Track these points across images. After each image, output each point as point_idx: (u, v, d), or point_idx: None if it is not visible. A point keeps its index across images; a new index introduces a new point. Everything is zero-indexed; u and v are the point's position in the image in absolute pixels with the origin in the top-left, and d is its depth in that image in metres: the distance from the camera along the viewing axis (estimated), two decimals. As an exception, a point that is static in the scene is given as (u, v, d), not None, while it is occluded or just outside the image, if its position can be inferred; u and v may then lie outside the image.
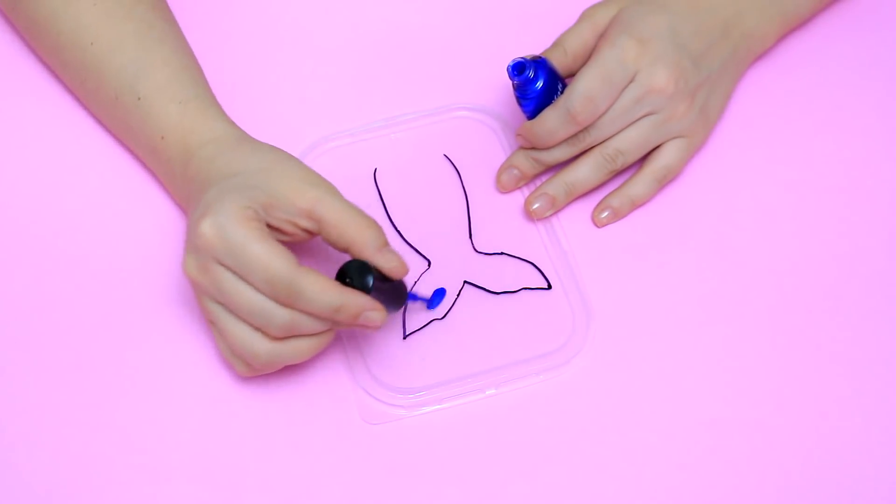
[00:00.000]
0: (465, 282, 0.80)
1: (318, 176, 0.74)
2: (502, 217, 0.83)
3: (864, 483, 0.75)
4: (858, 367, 0.78)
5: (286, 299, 0.70)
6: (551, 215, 0.82)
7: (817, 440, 0.76)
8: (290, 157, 0.75)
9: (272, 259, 0.70)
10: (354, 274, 0.72)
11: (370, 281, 0.72)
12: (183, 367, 0.77)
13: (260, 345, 0.71)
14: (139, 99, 0.78)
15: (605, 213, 0.82)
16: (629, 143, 0.81)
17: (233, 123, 0.78)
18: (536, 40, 0.84)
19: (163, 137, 0.77)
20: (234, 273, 0.70)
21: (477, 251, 0.82)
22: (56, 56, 0.82)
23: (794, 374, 0.78)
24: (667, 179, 0.82)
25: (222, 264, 0.70)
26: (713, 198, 0.84)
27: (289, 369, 0.76)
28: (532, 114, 0.81)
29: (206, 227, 0.70)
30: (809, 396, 0.77)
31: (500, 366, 0.78)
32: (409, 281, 0.78)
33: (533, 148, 0.82)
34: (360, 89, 0.87)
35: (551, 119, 0.79)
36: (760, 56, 0.87)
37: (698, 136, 0.83)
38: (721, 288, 0.81)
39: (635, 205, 0.82)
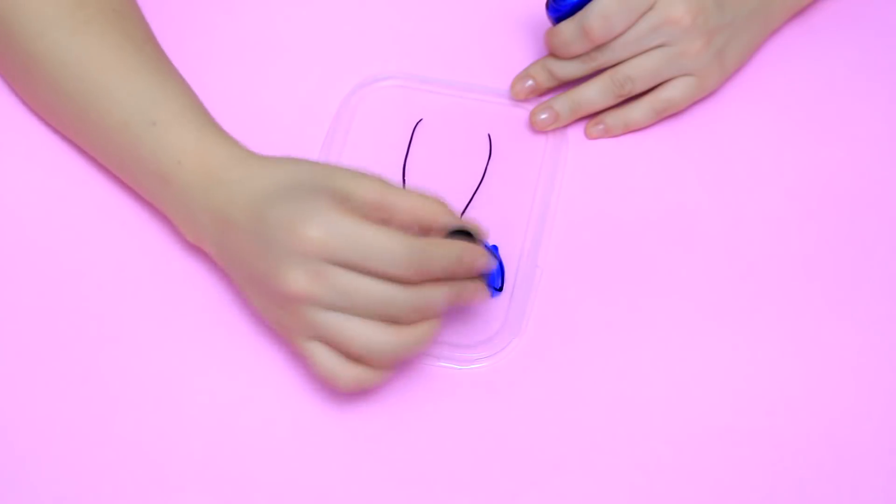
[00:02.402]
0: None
1: (360, 170, 0.72)
2: (502, 213, 0.82)
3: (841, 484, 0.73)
4: (857, 368, 0.77)
5: (414, 268, 0.68)
6: (553, 130, 0.84)
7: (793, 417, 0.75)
8: (319, 161, 0.75)
9: (390, 235, 0.68)
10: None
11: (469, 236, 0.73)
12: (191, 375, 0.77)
13: (385, 338, 0.69)
14: (154, 124, 0.76)
15: (599, 127, 0.84)
16: (640, 70, 0.81)
17: (247, 148, 0.77)
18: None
19: (179, 162, 0.75)
20: (351, 269, 0.68)
21: (460, 230, 0.82)
22: (55, 88, 0.79)
23: (775, 367, 0.77)
24: (666, 112, 0.83)
25: (337, 263, 0.68)
26: (714, 198, 0.83)
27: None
28: (557, 21, 0.82)
29: (313, 230, 0.67)
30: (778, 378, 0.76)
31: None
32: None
33: (551, 58, 0.83)
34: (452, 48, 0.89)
35: (567, 31, 0.81)
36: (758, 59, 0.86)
37: (709, 78, 0.83)
38: (724, 290, 0.79)
39: (628, 128, 0.83)
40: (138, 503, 0.73)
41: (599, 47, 0.81)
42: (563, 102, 0.84)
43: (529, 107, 0.86)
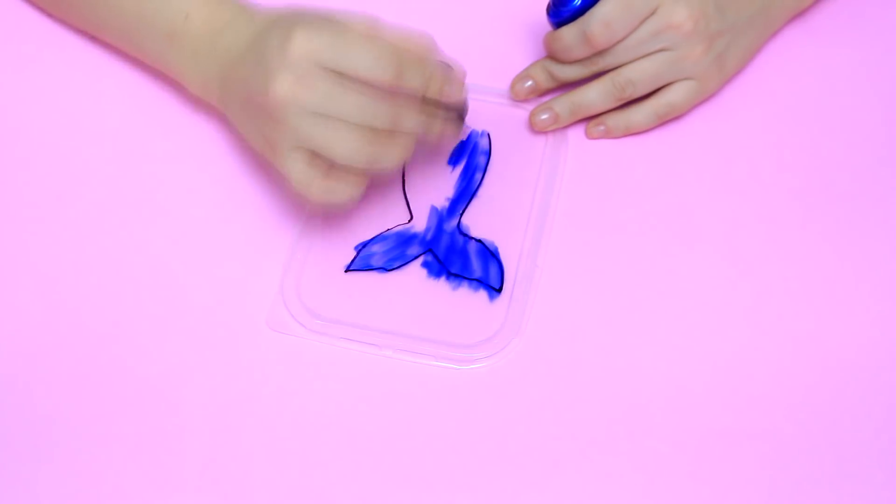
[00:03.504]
0: (429, 250, 0.82)
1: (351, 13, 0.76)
2: (502, 213, 0.82)
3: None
4: (858, 368, 0.77)
5: (394, 79, 0.72)
6: (553, 131, 0.84)
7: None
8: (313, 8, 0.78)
9: (373, 41, 0.73)
10: None
11: None
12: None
13: (361, 144, 0.73)
14: None
15: (599, 128, 0.84)
16: (641, 74, 0.81)
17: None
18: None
19: (187, 16, 0.79)
20: (336, 75, 0.72)
21: (460, 230, 0.82)
22: None
23: (773, 369, 0.77)
24: (668, 116, 0.83)
25: (323, 70, 0.72)
26: (714, 198, 0.82)
27: (235, 257, 0.80)
28: (557, 26, 0.82)
29: (302, 35, 0.72)
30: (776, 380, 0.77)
31: (410, 334, 0.77)
32: (387, 226, 0.82)
33: (551, 60, 0.84)
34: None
35: (568, 36, 0.81)
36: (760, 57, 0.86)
37: (710, 82, 0.83)
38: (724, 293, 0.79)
39: (629, 131, 0.84)
40: (139, 497, 0.73)
41: (601, 52, 0.81)
42: (564, 104, 0.84)
43: (529, 107, 0.85)
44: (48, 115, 0.87)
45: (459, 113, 0.79)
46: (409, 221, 0.82)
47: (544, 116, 0.84)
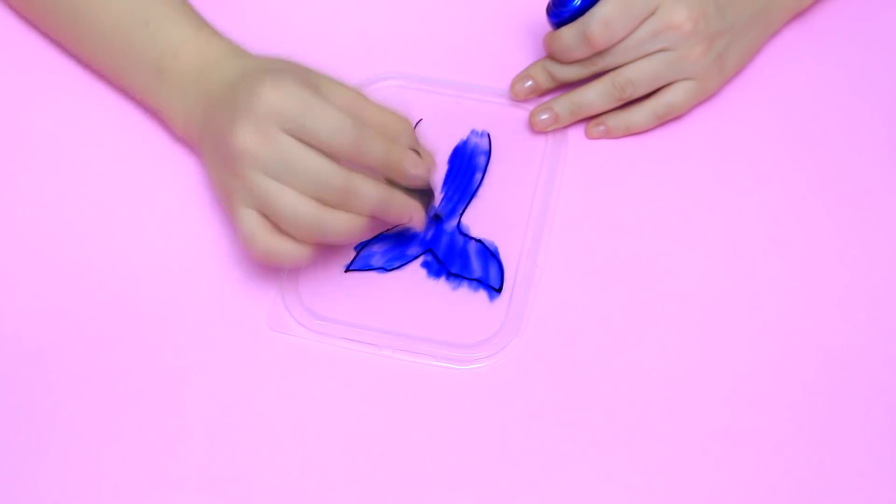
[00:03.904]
0: (429, 250, 0.82)
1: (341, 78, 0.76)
2: (502, 213, 0.82)
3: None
4: (858, 368, 0.77)
5: (353, 149, 0.72)
6: (553, 131, 0.84)
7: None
8: (303, 63, 0.78)
9: (339, 111, 0.72)
10: None
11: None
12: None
13: (307, 208, 0.72)
14: (147, 24, 0.80)
15: (600, 128, 0.84)
16: (641, 74, 0.81)
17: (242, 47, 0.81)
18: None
19: (176, 55, 0.79)
20: (297, 139, 0.72)
21: (460, 230, 0.82)
22: None
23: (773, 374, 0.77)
24: (668, 117, 0.83)
25: (284, 129, 0.72)
26: (714, 199, 0.83)
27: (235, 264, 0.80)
28: (557, 26, 0.82)
29: (271, 92, 0.72)
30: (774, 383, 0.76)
31: (412, 335, 0.77)
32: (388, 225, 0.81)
33: (551, 60, 0.83)
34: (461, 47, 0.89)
35: (568, 36, 0.81)
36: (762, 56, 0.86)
37: (710, 82, 0.83)
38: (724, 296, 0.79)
39: (629, 131, 0.84)
40: (140, 498, 0.73)
41: (600, 52, 0.81)
42: (564, 104, 0.84)
43: (529, 107, 0.85)
44: (49, 113, 0.87)
45: (425, 197, 0.79)
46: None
47: (544, 116, 0.84)
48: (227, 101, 0.75)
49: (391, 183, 0.76)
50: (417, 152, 0.77)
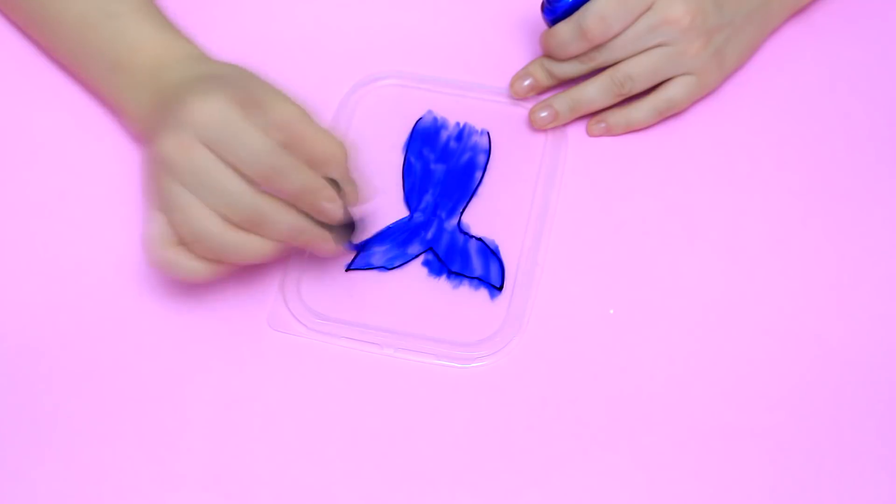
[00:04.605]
0: (430, 248, 0.82)
1: (287, 94, 0.75)
2: (502, 211, 0.82)
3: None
4: (859, 367, 0.77)
5: (268, 175, 0.71)
6: (553, 129, 0.84)
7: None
8: (260, 74, 0.77)
9: (261, 137, 0.71)
10: None
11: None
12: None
13: (215, 226, 0.72)
14: (112, 17, 0.80)
15: (600, 126, 0.84)
16: (639, 69, 0.81)
17: (203, 50, 0.81)
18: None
19: (134, 50, 0.79)
20: (216, 155, 0.72)
21: (460, 228, 0.82)
22: None
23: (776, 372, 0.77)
24: (668, 112, 0.83)
25: (206, 144, 0.71)
26: (715, 197, 0.83)
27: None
28: (553, 22, 0.82)
29: (198, 104, 0.71)
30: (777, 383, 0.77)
31: (413, 333, 0.77)
32: (387, 222, 0.82)
33: (549, 58, 0.83)
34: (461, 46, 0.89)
35: (564, 32, 0.81)
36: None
37: (709, 77, 0.83)
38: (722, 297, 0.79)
39: (630, 127, 0.83)
40: (141, 498, 0.73)
41: (598, 47, 0.81)
42: (563, 101, 0.84)
43: (529, 105, 0.85)
44: (50, 110, 0.87)
45: (344, 230, 0.77)
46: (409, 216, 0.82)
47: (544, 114, 0.84)
48: (167, 105, 0.74)
49: None
50: (341, 185, 0.75)
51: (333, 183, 0.75)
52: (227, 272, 0.75)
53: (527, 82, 0.85)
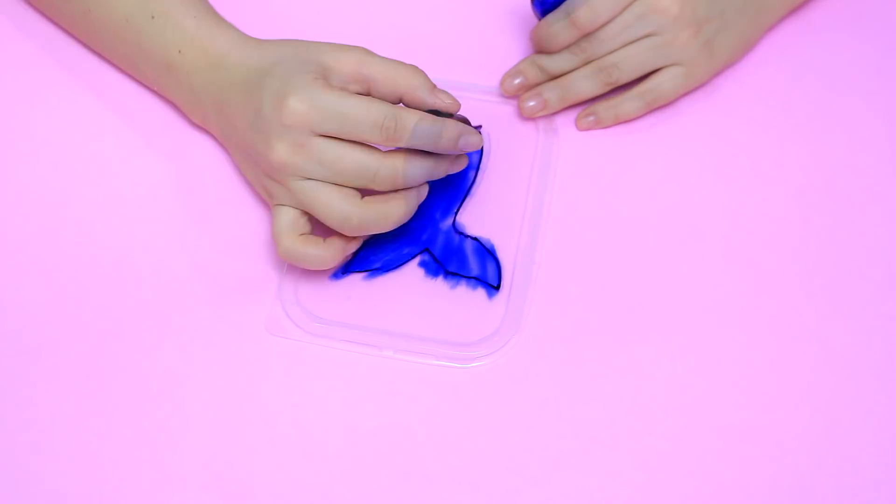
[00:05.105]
0: (426, 249, 0.82)
1: (347, 44, 0.77)
2: (498, 209, 0.82)
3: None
4: (858, 366, 0.77)
5: (395, 134, 0.73)
6: (543, 117, 0.85)
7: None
8: (309, 41, 0.78)
9: (370, 103, 0.74)
10: None
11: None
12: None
13: (357, 205, 0.74)
14: (153, 17, 0.80)
15: (589, 119, 0.84)
16: (627, 58, 0.82)
17: (244, 33, 0.81)
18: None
19: (180, 51, 0.80)
20: (333, 139, 0.74)
21: (456, 228, 0.82)
22: None
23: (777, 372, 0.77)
24: (656, 104, 0.83)
25: (320, 135, 0.73)
26: (713, 195, 0.82)
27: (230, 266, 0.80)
28: (543, 14, 0.83)
29: (296, 103, 0.73)
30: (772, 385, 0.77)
31: (411, 335, 0.77)
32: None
33: (540, 53, 0.84)
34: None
35: (554, 22, 0.82)
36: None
37: (698, 69, 0.83)
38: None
39: (619, 119, 0.84)
40: (139, 502, 0.73)
41: (587, 37, 0.82)
42: (552, 90, 0.84)
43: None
44: (51, 113, 0.87)
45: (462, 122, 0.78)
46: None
47: (532, 103, 0.84)
48: (250, 110, 0.76)
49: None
50: (436, 99, 0.76)
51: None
52: (349, 254, 0.78)
53: (517, 80, 0.85)
